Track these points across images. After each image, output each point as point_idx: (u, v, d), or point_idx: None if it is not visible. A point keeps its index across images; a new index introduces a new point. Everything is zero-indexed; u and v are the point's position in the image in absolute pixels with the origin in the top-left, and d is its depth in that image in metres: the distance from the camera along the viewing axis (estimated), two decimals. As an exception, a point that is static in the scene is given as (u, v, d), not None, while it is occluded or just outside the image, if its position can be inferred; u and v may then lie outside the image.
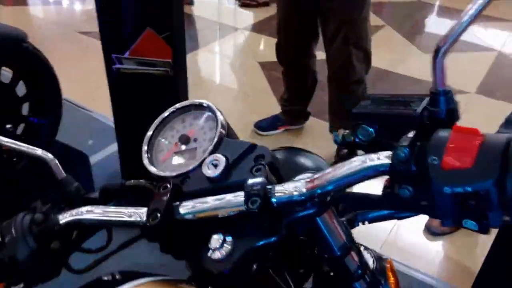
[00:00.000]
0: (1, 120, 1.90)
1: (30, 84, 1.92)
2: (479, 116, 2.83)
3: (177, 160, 0.56)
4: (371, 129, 0.46)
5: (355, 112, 0.47)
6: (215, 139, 0.53)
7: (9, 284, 0.50)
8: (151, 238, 0.49)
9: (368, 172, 0.41)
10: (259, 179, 0.45)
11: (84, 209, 0.53)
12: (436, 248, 1.97)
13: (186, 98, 1.79)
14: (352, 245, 0.51)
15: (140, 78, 1.78)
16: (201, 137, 0.56)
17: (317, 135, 2.67)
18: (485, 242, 1.46)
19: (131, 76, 1.78)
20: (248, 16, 4.46)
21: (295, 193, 0.44)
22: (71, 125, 2.42)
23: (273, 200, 0.44)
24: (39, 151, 0.58)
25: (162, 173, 0.54)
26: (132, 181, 0.58)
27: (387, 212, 0.54)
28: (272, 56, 3.33)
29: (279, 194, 0.44)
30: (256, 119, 2.68)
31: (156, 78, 1.78)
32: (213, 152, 0.52)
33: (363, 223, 0.55)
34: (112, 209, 0.52)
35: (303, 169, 0.56)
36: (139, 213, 0.50)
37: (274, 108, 2.78)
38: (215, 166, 0.50)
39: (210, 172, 0.49)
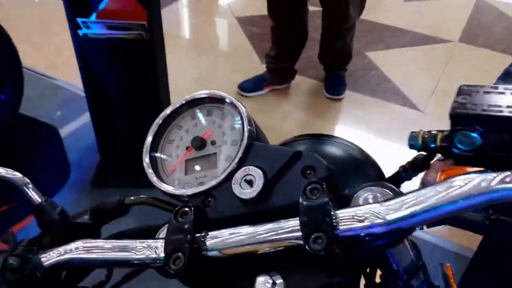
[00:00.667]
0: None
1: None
2: (465, 65, 2.81)
3: (191, 170, 0.44)
4: (475, 135, 0.36)
5: (455, 114, 0.36)
6: (243, 143, 0.41)
7: None
8: (170, 277, 0.38)
9: (483, 199, 0.30)
10: (320, 206, 0.34)
11: (74, 245, 0.41)
12: None
13: (164, 64, 1.75)
14: (419, 264, 0.44)
15: (111, 43, 1.63)
16: (220, 140, 0.44)
17: (305, 94, 2.53)
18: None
19: (100, 41, 1.63)
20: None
21: (374, 222, 0.33)
22: (35, 96, 2.27)
23: (340, 233, 0.33)
24: (10, 173, 0.48)
25: (176, 191, 0.42)
26: (132, 197, 0.48)
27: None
28: (250, 11, 3.18)
29: (350, 224, 0.33)
30: (238, 79, 2.51)
31: (130, 43, 1.62)
32: (242, 162, 0.40)
33: (421, 228, 0.43)
34: (112, 243, 0.41)
35: (345, 167, 0.44)
36: (152, 248, 0.39)
37: (256, 66, 2.64)
38: (250, 183, 0.38)
39: (244, 191, 0.38)
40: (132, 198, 0.48)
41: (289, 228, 0.35)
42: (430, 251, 1.67)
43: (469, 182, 0.31)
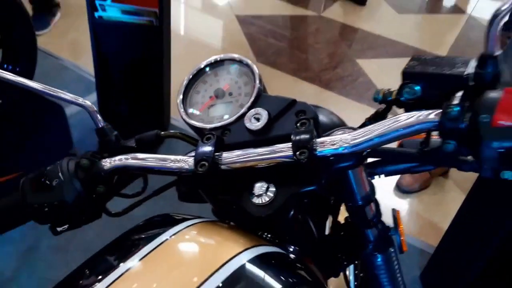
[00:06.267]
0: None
1: (4, 30, 1.86)
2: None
3: (213, 113, 0.55)
4: (417, 88, 0.47)
5: (405, 71, 0.47)
6: (254, 93, 0.52)
7: (55, 225, 0.52)
8: (190, 185, 0.54)
9: (417, 127, 0.41)
10: (306, 132, 0.46)
11: (129, 155, 0.53)
12: (406, 205, 2.10)
13: (169, 50, 1.95)
14: (372, 197, 0.54)
15: (123, 27, 1.74)
16: (236, 92, 0.55)
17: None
18: (453, 199, 1.61)
19: (114, 24, 1.74)
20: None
21: (342, 145, 0.44)
22: (44, 75, 2.14)
23: (319, 152, 0.45)
24: (80, 100, 0.55)
25: (200, 125, 0.53)
26: (167, 131, 0.58)
27: (403, 166, 0.55)
28: (249, 10, 3.38)
29: (325, 146, 0.45)
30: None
31: (141, 28, 1.74)
32: (252, 106, 0.51)
33: (379, 176, 0.57)
34: (156, 156, 0.53)
35: (327, 122, 0.58)
36: (184, 161, 0.50)
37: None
38: (257, 119, 0.50)
39: (252, 125, 0.49)
40: (167, 132, 0.57)
41: (283, 148, 0.46)
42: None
43: (408, 119, 0.41)
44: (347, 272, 0.73)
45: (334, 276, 0.62)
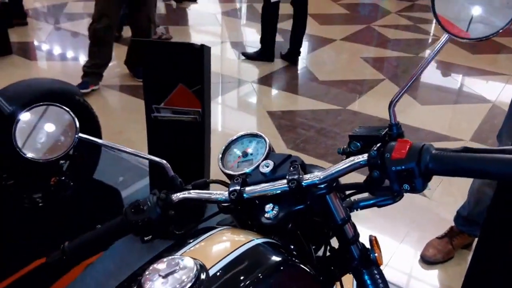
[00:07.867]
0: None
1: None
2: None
3: (240, 166, 0.82)
4: (358, 144, 0.73)
5: (351, 135, 0.74)
6: (265, 153, 0.80)
7: (144, 236, 0.77)
8: (225, 211, 0.79)
9: (356, 165, 0.66)
10: (295, 172, 0.71)
11: (190, 191, 0.80)
12: (431, 275, 2.20)
13: (209, 141, 2.31)
14: (348, 219, 0.74)
15: (173, 124, 2.15)
16: (255, 153, 0.83)
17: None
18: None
19: (166, 122, 2.15)
20: (254, 70, 4.70)
21: (316, 179, 0.69)
22: (105, 164, 2.46)
23: (303, 183, 0.69)
24: (157, 159, 0.83)
25: (232, 172, 0.80)
26: (211, 179, 0.86)
27: (372, 201, 0.76)
28: (278, 107, 3.86)
29: (307, 180, 0.70)
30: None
31: (187, 124, 2.15)
32: (264, 160, 0.78)
33: (357, 210, 0.79)
34: (205, 191, 0.79)
35: (310, 168, 0.79)
36: (222, 194, 0.76)
37: (282, 150, 3.03)
38: (267, 167, 0.75)
39: (264, 170, 0.75)
40: (210, 179, 0.86)
41: (282, 183, 0.71)
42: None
43: (351, 160, 0.67)
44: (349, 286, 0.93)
45: (330, 285, 0.80)
